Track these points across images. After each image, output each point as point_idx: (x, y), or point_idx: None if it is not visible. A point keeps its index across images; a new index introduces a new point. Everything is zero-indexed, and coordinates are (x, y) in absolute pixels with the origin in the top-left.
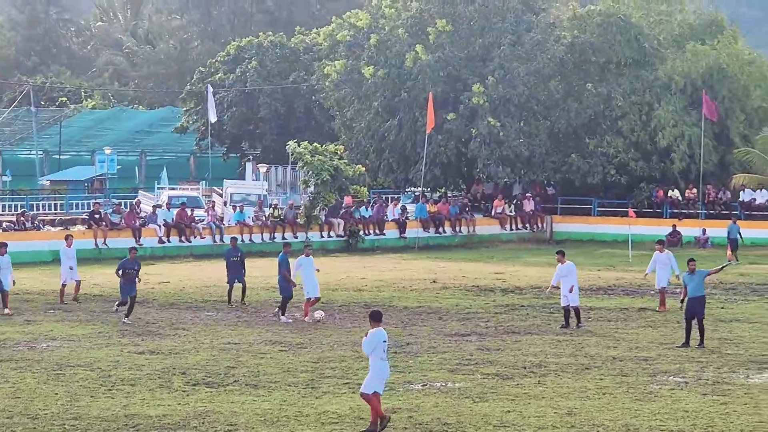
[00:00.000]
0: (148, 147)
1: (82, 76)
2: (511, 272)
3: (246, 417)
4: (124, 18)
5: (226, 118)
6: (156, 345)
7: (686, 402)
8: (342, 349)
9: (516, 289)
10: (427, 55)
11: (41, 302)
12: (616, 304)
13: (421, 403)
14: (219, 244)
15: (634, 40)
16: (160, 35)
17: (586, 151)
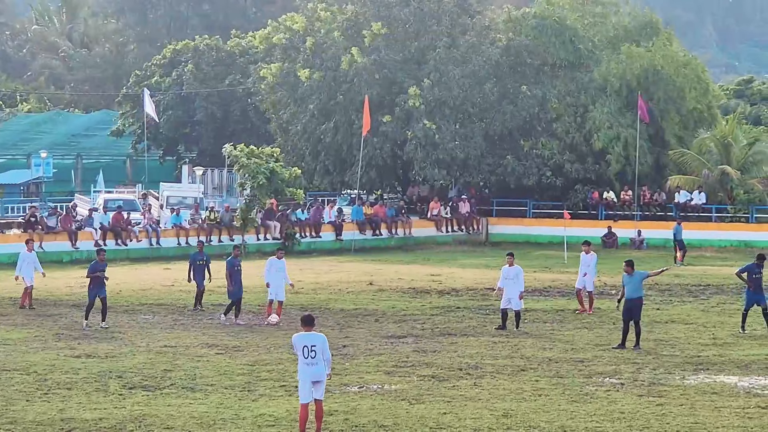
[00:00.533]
0: (85, 150)
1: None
2: (447, 274)
3: (182, 420)
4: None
5: (162, 121)
6: (92, 349)
7: (622, 403)
8: (278, 352)
9: (452, 291)
10: (363, 58)
11: None
12: (551, 305)
13: (358, 406)
14: (155, 247)
15: (569, 42)
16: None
17: (521, 153)
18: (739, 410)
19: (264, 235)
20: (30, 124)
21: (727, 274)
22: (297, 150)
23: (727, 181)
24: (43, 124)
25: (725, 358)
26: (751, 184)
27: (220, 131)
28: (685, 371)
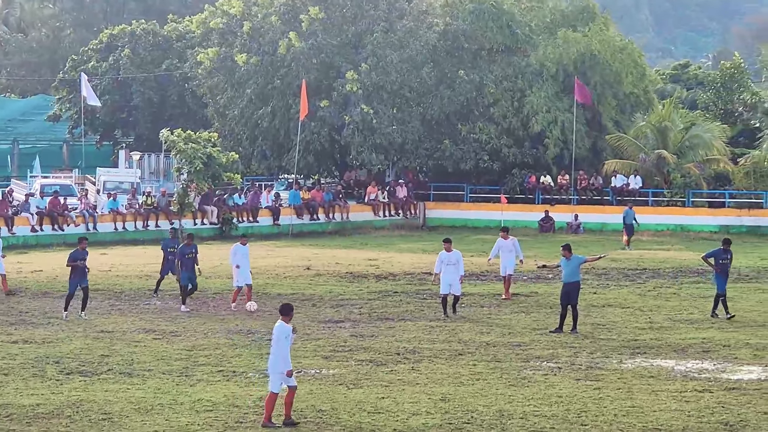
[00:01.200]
0: (21, 135)
1: None
2: (385, 259)
3: (120, 405)
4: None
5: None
6: (29, 334)
7: (559, 387)
8: (216, 337)
9: (389, 276)
10: (301, 43)
11: None
12: (489, 290)
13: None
14: (92, 232)
15: (506, 26)
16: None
17: (458, 137)
18: (676, 394)
19: (201, 220)
20: None
21: (663, 257)
22: (234, 135)
23: (664, 166)
24: None
25: (662, 342)
26: (687, 168)
27: (157, 116)
28: (622, 355)
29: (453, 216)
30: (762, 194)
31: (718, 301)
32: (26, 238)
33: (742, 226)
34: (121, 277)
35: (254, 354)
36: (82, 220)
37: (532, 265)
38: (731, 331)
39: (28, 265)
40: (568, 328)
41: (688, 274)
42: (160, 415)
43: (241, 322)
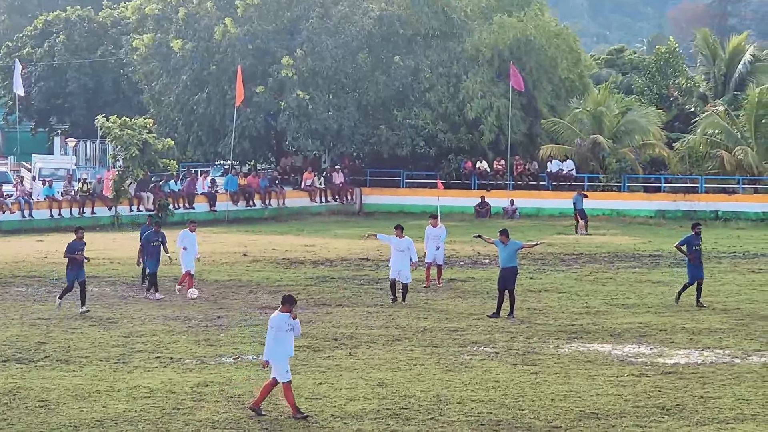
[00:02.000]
0: None
1: None
2: (321, 245)
3: (57, 392)
4: None
5: (34, 92)
6: None
7: (497, 372)
8: (153, 324)
9: (326, 262)
10: (236, 29)
11: None
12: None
13: (233, 377)
14: (28, 219)
15: (442, 12)
16: None
17: (394, 123)
18: (612, 378)
19: (137, 206)
20: None
21: (599, 242)
22: (170, 121)
23: (599, 151)
24: None
25: (599, 326)
26: (623, 153)
27: (92, 102)
28: (559, 340)
29: (389, 201)
30: (697, 179)
31: (686, 288)
32: None
33: (678, 210)
34: (57, 264)
35: (191, 341)
36: (18, 207)
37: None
38: (668, 315)
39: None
40: (505, 312)
41: (624, 258)
42: (97, 402)
43: (179, 309)
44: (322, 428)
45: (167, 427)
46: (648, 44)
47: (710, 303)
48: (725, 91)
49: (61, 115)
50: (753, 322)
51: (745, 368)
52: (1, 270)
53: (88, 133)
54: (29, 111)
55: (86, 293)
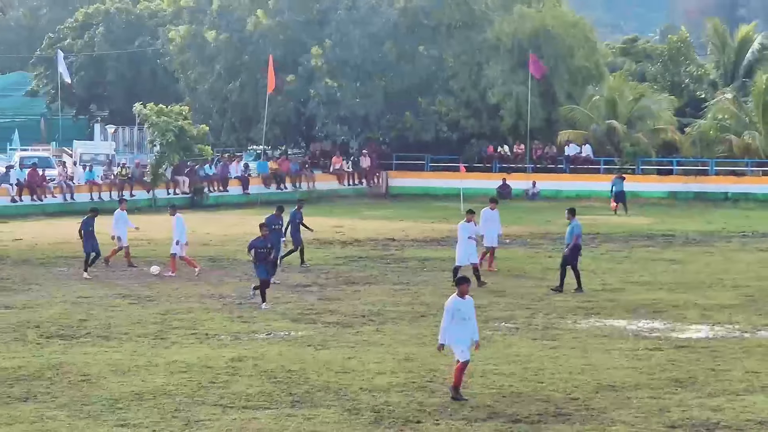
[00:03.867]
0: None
1: None
2: (350, 225)
3: (98, 367)
4: None
5: (75, 81)
6: (10, 300)
7: (518, 347)
8: (189, 302)
9: (354, 242)
10: (268, 20)
11: None
12: (450, 254)
13: (266, 352)
14: (70, 202)
15: (464, 3)
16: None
17: (419, 109)
18: (628, 352)
19: (174, 190)
20: None
21: (615, 223)
22: (205, 108)
23: (614, 135)
24: None
25: (615, 303)
26: (636, 137)
27: (130, 91)
28: (576, 315)
29: (414, 184)
30: (708, 162)
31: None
32: (6, 208)
33: (689, 192)
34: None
35: (226, 318)
36: (60, 190)
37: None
38: (680, 292)
39: (9, 234)
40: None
41: (639, 238)
42: (136, 376)
43: (214, 288)
44: (351, 400)
45: (203, 399)
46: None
47: (720, 280)
48: (734, 78)
49: (100, 102)
50: (762, 299)
51: (755, 342)
52: (45, 250)
53: (127, 120)
54: (70, 99)
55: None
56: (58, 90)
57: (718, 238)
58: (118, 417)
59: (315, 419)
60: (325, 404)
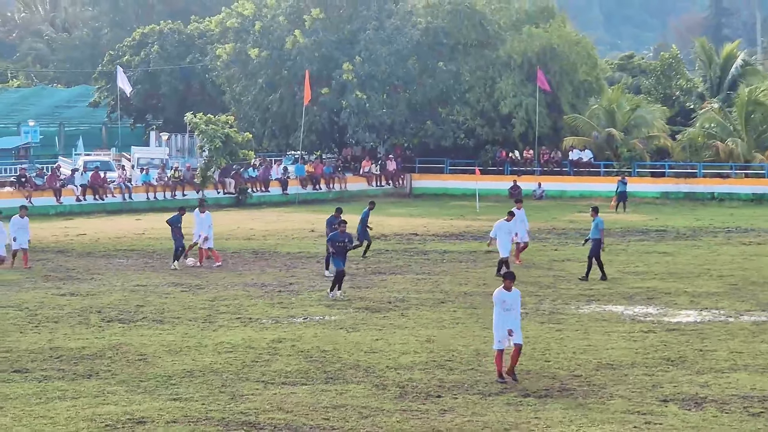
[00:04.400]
0: (66, 119)
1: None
2: (377, 222)
3: (154, 348)
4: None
5: (132, 93)
6: (75, 288)
7: (527, 330)
8: (234, 289)
9: (381, 236)
10: (304, 39)
11: None
12: (466, 247)
13: (303, 334)
14: (128, 201)
15: (479, 24)
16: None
17: (439, 119)
18: (625, 334)
19: (221, 190)
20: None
21: (614, 219)
22: (248, 117)
23: (613, 142)
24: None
25: (613, 291)
26: (632, 144)
27: (182, 102)
28: (579, 302)
29: (435, 186)
30: (696, 165)
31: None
32: (72, 206)
33: (680, 192)
34: (153, 239)
35: (267, 303)
36: (120, 191)
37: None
38: (671, 281)
39: (74, 229)
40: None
41: (635, 233)
42: (187, 355)
43: (257, 277)
44: (379, 377)
45: (247, 376)
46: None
47: (707, 271)
48: (720, 90)
49: (155, 112)
50: (745, 287)
51: (738, 326)
52: (106, 244)
53: (179, 127)
54: (128, 110)
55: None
56: (117, 101)
57: (705, 233)
58: (171, 392)
59: (346, 394)
60: (355, 380)
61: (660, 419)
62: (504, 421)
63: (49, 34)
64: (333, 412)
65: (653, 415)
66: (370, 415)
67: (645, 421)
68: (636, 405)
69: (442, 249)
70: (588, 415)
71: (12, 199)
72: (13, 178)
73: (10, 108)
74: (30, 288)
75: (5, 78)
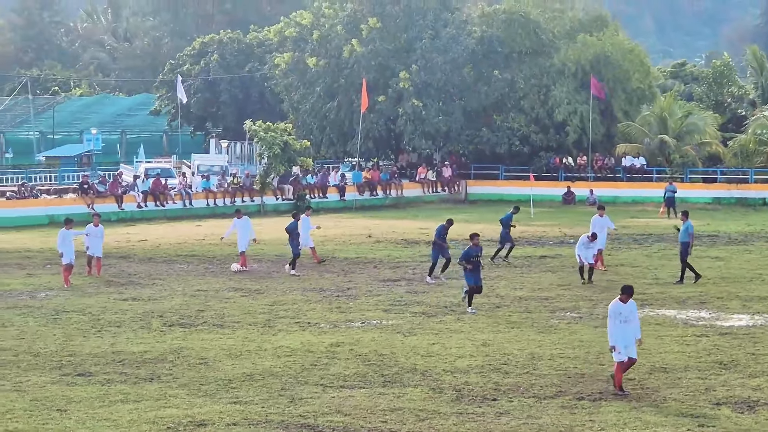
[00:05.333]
0: (128, 127)
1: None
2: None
3: (214, 352)
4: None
5: (192, 102)
6: (137, 293)
7: (581, 334)
8: (293, 294)
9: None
10: (361, 48)
11: (40, 258)
12: (521, 253)
13: (360, 338)
14: (189, 208)
15: (533, 33)
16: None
17: (494, 125)
18: (678, 338)
19: (280, 196)
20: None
21: (666, 225)
22: (306, 125)
23: (665, 148)
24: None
25: (666, 295)
26: (685, 150)
27: (241, 110)
28: None
29: (490, 192)
30: (748, 171)
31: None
32: (133, 213)
33: (732, 198)
34: (213, 245)
35: (325, 308)
36: (180, 197)
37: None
38: (724, 285)
39: (135, 235)
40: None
41: None
42: (247, 359)
43: (315, 282)
44: (435, 380)
45: (306, 379)
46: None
47: (759, 275)
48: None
49: (215, 120)
50: None
51: None
52: (167, 250)
53: (238, 135)
54: (189, 117)
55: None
56: (177, 109)
57: (757, 238)
58: (231, 395)
59: (403, 397)
60: (412, 384)
61: (713, 422)
62: (559, 423)
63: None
64: (390, 415)
65: (706, 418)
66: (426, 417)
67: (698, 424)
68: (689, 408)
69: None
70: (641, 417)
71: (75, 206)
72: (75, 185)
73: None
74: (93, 293)
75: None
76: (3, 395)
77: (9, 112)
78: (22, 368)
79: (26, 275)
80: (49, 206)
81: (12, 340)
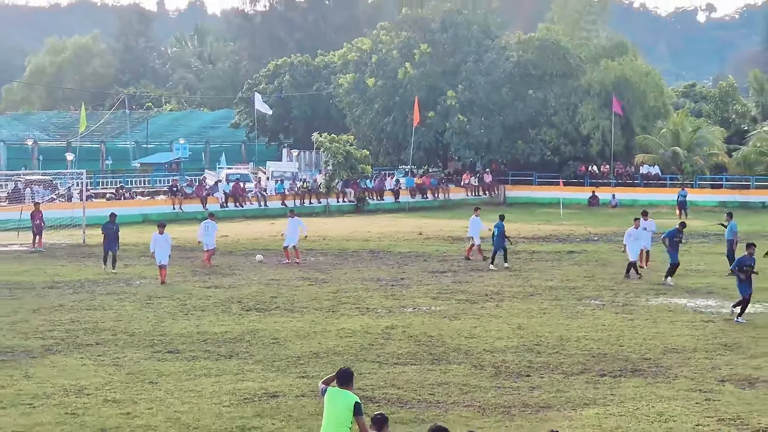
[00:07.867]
0: (211, 138)
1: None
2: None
3: (285, 333)
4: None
5: (267, 116)
6: (219, 281)
7: (603, 319)
8: (354, 283)
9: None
10: (414, 70)
11: (135, 251)
12: (551, 248)
13: (412, 322)
14: (264, 208)
15: (563, 58)
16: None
17: (528, 138)
18: (688, 323)
19: (343, 199)
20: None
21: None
22: (366, 137)
23: (678, 158)
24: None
25: (678, 285)
26: (695, 160)
27: (309, 124)
28: (648, 295)
29: (525, 195)
30: (749, 178)
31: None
32: (216, 212)
33: (735, 201)
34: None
35: (382, 295)
36: (256, 199)
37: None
38: (729, 277)
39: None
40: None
41: (696, 236)
42: (314, 339)
43: (373, 273)
44: (477, 359)
45: (364, 357)
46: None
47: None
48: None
49: (287, 132)
50: None
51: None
52: (245, 244)
53: (307, 145)
54: (264, 130)
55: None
56: (255, 123)
57: (758, 236)
58: (300, 370)
59: (449, 373)
60: (456, 361)
61: (718, 396)
62: (584, 396)
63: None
64: (437, 388)
65: (712, 393)
66: (469, 391)
67: (705, 398)
68: (697, 384)
69: (531, 249)
70: (656, 392)
71: (165, 206)
72: (166, 188)
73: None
74: (181, 281)
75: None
76: (103, 369)
77: (109, 125)
78: (119, 346)
79: (123, 266)
80: (143, 206)
81: (111, 322)
